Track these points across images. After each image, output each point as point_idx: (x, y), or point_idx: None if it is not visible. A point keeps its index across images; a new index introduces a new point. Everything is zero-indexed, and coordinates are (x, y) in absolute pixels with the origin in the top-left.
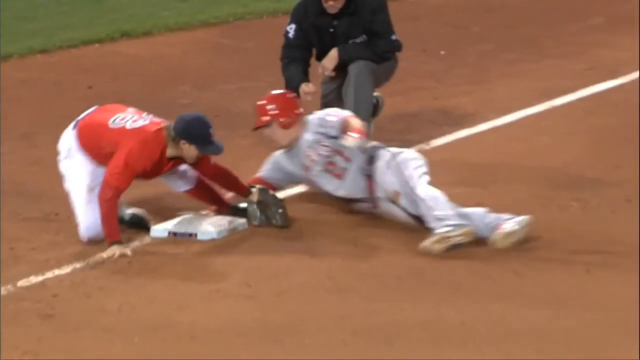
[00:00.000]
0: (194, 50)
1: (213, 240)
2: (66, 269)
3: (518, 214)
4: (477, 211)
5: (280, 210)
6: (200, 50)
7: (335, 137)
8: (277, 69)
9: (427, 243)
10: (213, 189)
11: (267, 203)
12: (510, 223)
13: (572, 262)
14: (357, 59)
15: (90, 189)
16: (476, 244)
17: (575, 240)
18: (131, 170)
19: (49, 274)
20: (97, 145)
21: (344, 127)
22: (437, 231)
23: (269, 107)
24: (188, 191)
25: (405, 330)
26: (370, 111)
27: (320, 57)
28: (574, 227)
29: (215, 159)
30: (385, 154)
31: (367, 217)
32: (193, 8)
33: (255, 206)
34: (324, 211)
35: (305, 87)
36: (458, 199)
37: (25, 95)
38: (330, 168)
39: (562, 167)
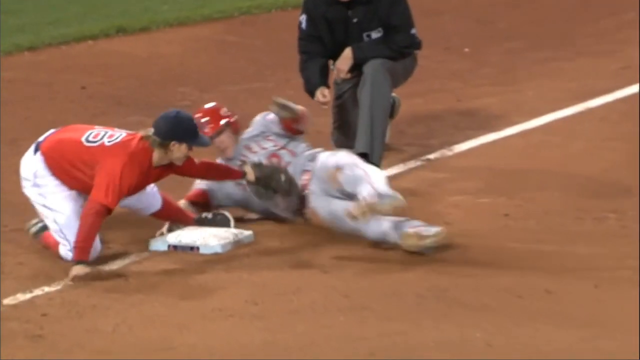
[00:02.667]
0: (195, 48)
1: (216, 254)
2: (56, 286)
3: (549, 226)
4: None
5: (283, 177)
6: (203, 48)
7: (278, 134)
8: (285, 69)
9: (352, 209)
10: (178, 205)
11: (267, 176)
12: (423, 229)
13: (607, 280)
14: (373, 58)
15: (79, 215)
16: (503, 259)
17: (611, 255)
18: (125, 187)
19: (38, 292)
20: (71, 167)
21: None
22: (364, 196)
23: (204, 119)
24: (156, 213)
25: (425, 353)
26: (387, 113)
27: (333, 53)
28: (610, 240)
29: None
30: (331, 152)
31: None
32: (194, 2)
33: (257, 185)
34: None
35: (320, 97)
36: (483, 210)
37: (12, 97)
38: (274, 161)
39: (597, 175)
